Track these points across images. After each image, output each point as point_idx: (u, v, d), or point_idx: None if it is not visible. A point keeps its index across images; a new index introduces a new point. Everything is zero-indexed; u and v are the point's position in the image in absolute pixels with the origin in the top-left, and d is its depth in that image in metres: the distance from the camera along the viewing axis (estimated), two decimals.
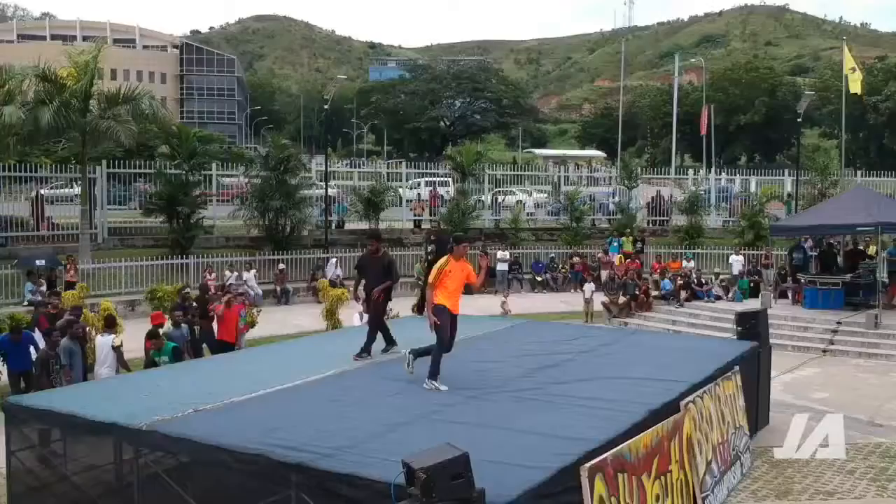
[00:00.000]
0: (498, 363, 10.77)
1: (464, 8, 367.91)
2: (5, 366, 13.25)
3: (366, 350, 10.99)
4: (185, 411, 8.28)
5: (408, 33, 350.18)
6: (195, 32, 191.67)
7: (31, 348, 13.17)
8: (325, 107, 32.50)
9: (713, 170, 43.45)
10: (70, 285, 21.04)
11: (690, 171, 45.47)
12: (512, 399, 9.09)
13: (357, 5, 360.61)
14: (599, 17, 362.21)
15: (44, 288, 20.80)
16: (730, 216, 35.03)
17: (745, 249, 28.56)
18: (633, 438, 7.91)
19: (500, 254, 28.66)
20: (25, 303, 20.18)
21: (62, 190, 31.25)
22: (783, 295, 22.74)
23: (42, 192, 28.40)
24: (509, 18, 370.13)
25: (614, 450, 7.52)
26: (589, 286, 23.95)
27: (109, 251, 26.53)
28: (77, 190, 27.37)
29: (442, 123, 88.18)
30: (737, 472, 10.42)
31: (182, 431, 7.61)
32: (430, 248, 16.16)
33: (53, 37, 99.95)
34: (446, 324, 9.55)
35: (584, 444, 7.32)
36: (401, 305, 20.30)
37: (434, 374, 9.43)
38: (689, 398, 9.37)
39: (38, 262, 22.42)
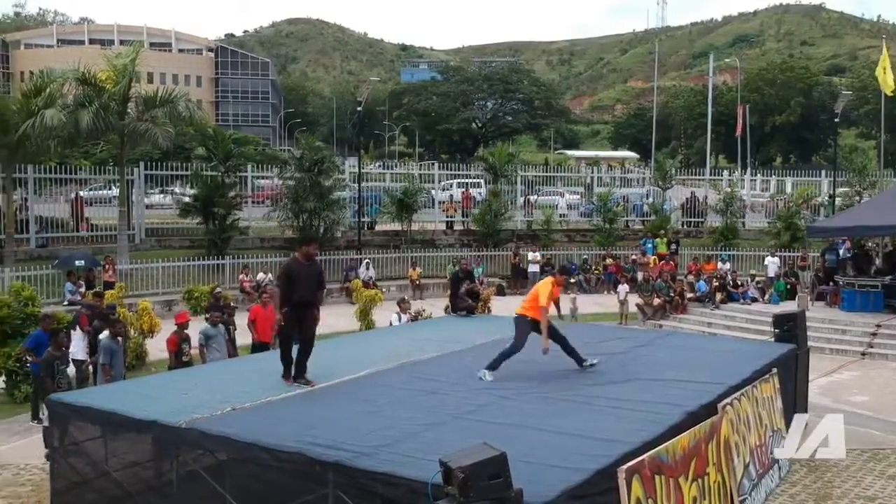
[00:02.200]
0: (532, 364, 10.72)
1: (495, 10, 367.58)
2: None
3: (301, 376, 9.83)
4: (224, 410, 8.37)
5: (439, 35, 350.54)
6: (230, 36, 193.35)
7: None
8: (359, 108, 32.60)
9: (748, 171, 42.91)
10: (108, 285, 21.33)
11: (725, 172, 45.05)
12: (546, 400, 9.07)
13: (389, 8, 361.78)
14: (632, 18, 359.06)
15: (83, 288, 21.16)
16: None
17: (781, 251, 28.25)
18: (671, 440, 7.85)
19: (531, 255, 28.61)
20: (66, 302, 20.53)
21: (101, 192, 31.78)
22: (820, 297, 22.42)
23: (81, 193, 28.94)
24: (540, 19, 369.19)
25: (652, 452, 7.47)
26: (623, 288, 23.84)
27: (147, 252, 26.91)
28: (115, 191, 27.81)
29: (474, 125, 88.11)
30: (775, 476, 10.31)
31: (220, 429, 7.68)
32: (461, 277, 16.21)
33: (92, 41, 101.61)
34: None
35: (621, 445, 7.28)
36: (434, 307, 20.46)
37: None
38: (727, 400, 9.28)
39: (77, 263, 22.80)
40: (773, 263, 26.44)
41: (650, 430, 7.80)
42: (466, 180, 36.13)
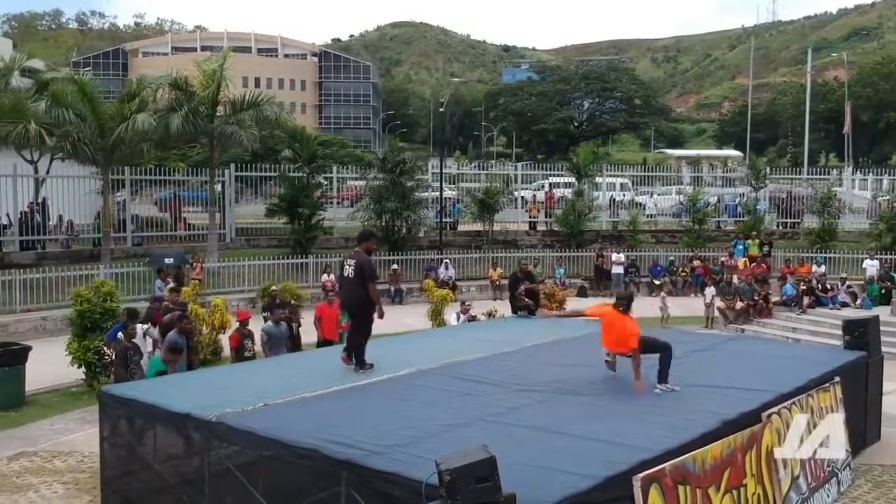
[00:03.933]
0: (576, 367, 10.53)
1: (599, 8, 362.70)
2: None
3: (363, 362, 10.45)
4: (256, 405, 8.54)
5: (542, 35, 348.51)
6: (336, 40, 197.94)
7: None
8: (441, 109, 32.85)
9: (851, 169, 40.92)
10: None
11: (834, 171, 43.14)
12: (582, 404, 8.89)
13: (492, 9, 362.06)
14: (741, 13, 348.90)
15: (171, 285, 22.03)
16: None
17: (882, 253, 26.80)
18: (700, 449, 7.57)
19: (615, 256, 28.08)
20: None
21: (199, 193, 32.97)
22: None
23: (181, 193, 30.22)
24: (646, 17, 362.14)
25: (675, 460, 7.22)
26: (710, 290, 23.18)
27: (236, 251, 27.80)
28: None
29: (571, 125, 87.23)
30: (832, 490, 9.78)
31: (247, 424, 7.83)
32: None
33: (203, 48, 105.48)
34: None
35: (640, 452, 7.06)
36: (509, 308, 20.30)
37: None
38: (774, 409, 8.88)
39: (167, 261, 23.78)
40: (871, 266, 25.16)
41: (677, 438, 7.53)
42: (559, 180, 35.69)
